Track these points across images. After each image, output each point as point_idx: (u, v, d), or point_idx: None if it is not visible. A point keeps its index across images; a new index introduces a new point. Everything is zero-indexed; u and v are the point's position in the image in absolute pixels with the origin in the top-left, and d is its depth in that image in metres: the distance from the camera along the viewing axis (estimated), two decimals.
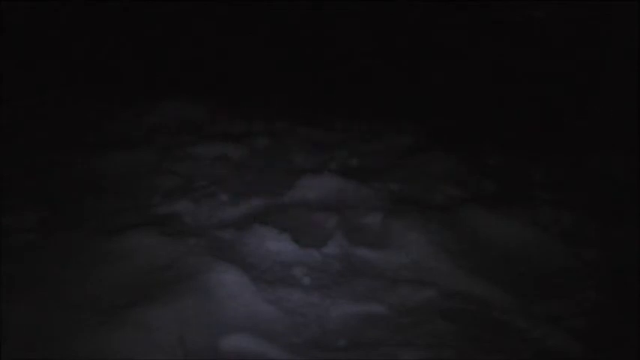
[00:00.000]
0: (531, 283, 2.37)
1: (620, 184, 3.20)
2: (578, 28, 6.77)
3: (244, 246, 2.49)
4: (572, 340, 1.97)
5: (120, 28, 7.17)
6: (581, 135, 4.02)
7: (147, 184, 3.12)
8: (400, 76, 5.98)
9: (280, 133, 4.06)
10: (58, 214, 2.74)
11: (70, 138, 3.89)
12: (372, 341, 1.85)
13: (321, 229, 2.72)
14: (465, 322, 2.06)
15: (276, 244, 2.50)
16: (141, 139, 3.92)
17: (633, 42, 5.50)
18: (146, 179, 3.18)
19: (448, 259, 2.42)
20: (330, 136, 4.06)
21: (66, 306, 1.98)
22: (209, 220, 2.75)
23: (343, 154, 3.70)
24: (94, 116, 4.45)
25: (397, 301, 2.19)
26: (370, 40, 7.22)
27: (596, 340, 1.99)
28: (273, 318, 2.05)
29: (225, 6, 7.75)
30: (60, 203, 2.86)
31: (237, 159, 3.60)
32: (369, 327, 2.04)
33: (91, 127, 4.19)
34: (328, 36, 7.38)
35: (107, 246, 2.36)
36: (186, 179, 3.22)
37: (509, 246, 2.60)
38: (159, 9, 7.52)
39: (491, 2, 7.69)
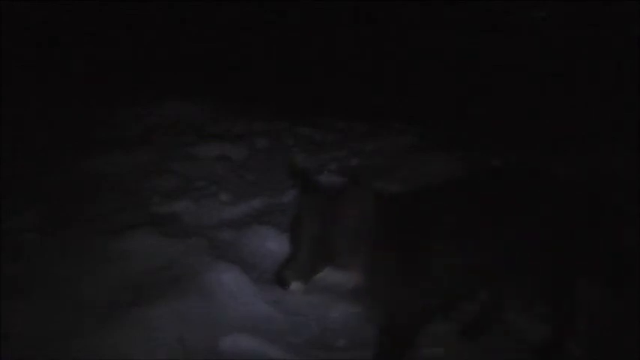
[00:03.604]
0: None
1: (620, 183, 3.20)
2: (578, 28, 6.77)
3: (244, 246, 2.49)
4: (572, 340, 1.97)
5: (120, 28, 7.17)
6: (582, 134, 4.02)
7: (147, 184, 3.12)
8: (400, 76, 5.98)
9: (280, 133, 4.06)
10: (58, 214, 2.74)
11: (70, 138, 3.89)
12: (372, 341, 1.85)
13: None
14: (464, 322, 2.06)
15: (276, 244, 2.49)
16: (141, 139, 3.92)
17: (633, 42, 5.50)
18: (146, 179, 3.18)
19: None
20: (330, 136, 4.06)
21: (66, 306, 1.98)
22: (209, 220, 2.75)
23: (343, 154, 3.70)
24: (94, 116, 4.45)
25: None
26: (371, 41, 7.22)
27: (596, 340, 1.99)
28: (273, 318, 2.05)
29: (226, 6, 7.75)
30: (60, 203, 2.86)
31: (237, 159, 3.60)
32: (369, 327, 2.03)
33: (91, 127, 4.19)
34: (328, 36, 7.38)
35: (107, 246, 2.36)
36: (186, 179, 3.22)
37: None
38: (159, 9, 7.52)
39: (492, 2, 7.69)
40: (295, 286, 1.42)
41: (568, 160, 3.54)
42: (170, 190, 3.06)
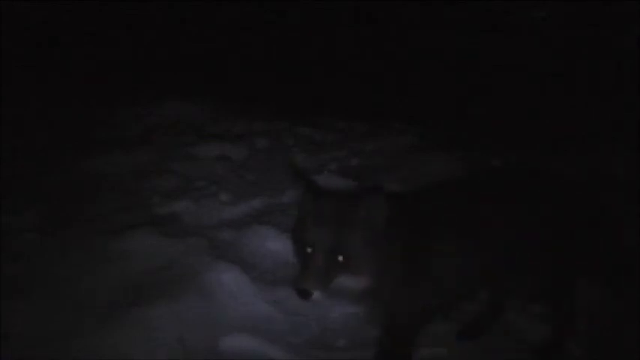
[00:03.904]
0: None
1: (620, 183, 3.20)
2: (578, 28, 6.78)
3: (244, 246, 2.49)
4: (572, 341, 1.97)
5: (120, 28, 7.17)
6: (582, 134, 4.02)
7: (147, 184, 3.12)
8: (400, 76, 5.98)
9: (280, 133, 4.06)
10: (58, 214, 2.74)
11: (70, 138, 3.89)
12: (372, 341, 1.85)
13: None
14: (464, 322, 2.06)
15: (276, 244, 2.49)
16: (141, 139, 3.92)
17: (633, 42, 5.50)
18: (146, 179, 3.18)
19: None
20: (330, 136, 4.06)
21: (66, 306, 1.98)
22: (209, 220, 2.75)
23: (343, 154, 3.71)
24: (94, 116, 4.45)
25: None
26: (371, 41, 7.22)
27: (596, 340, 1.99)
28: (273, 318, 2.05)
29: (226, 6, 7.76)
30: (60, 203, 2.86)
31: (237, 159, 3.60)
32: (369, 327, 2.03)
33: (91, 127, 4.19)
34: (328, 36, 7.38)
35: (107, 246, 2.36)
36: (186, 179, 3.22)
37: None
38: (159, 9, 7.52)
39: (492, 2, 7.69)
40: (317, 295, 1.41)
41: (568, 160, 3.54)
42: (170, 190, 3.06)
